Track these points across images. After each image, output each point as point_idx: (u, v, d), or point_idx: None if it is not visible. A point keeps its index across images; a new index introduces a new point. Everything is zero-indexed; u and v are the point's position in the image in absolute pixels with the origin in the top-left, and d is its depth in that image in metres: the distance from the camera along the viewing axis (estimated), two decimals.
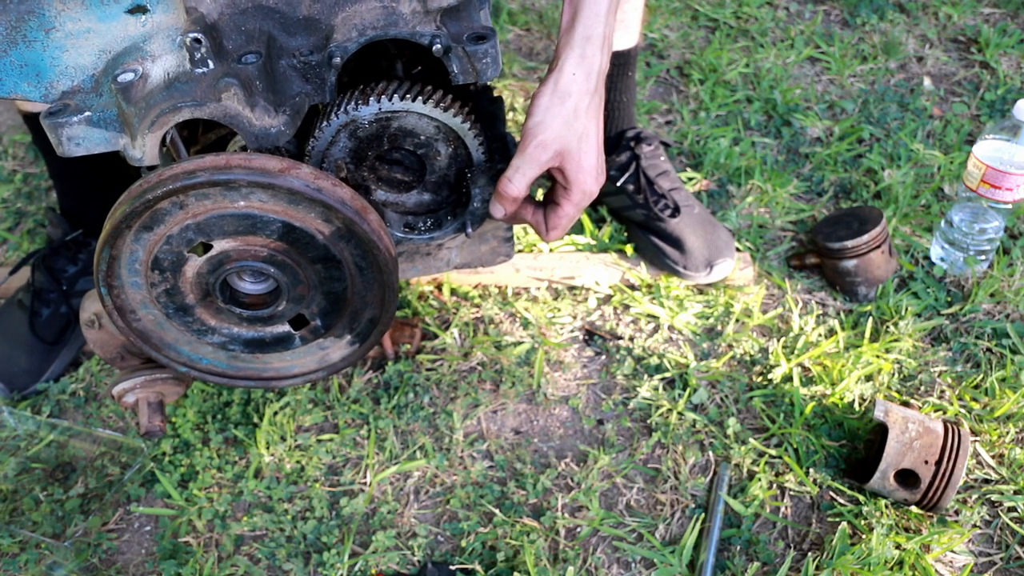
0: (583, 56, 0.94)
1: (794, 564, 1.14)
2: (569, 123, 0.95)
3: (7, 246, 1.67)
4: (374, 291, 1.00)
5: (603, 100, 0.98)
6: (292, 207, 0.90)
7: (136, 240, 0.92)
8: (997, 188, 1.37)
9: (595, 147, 0.97)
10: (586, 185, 0.98)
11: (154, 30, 0.89)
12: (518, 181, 0.97)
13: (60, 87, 0.92)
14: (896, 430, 1.15)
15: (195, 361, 1.07)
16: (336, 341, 1.06)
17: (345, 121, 0.94)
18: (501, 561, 1.15)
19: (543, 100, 0.95)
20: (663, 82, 1.96)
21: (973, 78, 1.92)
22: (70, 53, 0.90)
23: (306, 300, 0.98)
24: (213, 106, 0.85)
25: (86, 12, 0.87)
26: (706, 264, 1.44)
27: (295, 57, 0.89)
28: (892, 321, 1.41)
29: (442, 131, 0.97)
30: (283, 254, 0.93)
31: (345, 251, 0.95)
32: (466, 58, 0.88)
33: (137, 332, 1.02)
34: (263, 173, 0.86)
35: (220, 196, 0.88)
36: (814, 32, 2.05)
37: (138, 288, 0.98)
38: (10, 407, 1.37)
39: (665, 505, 1.21)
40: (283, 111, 0.89)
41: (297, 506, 1.23)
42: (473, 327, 1.45)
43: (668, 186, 1.51)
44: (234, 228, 0.91)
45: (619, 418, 1.33)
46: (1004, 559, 1.14)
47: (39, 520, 1.23)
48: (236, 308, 0.99)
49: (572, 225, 1.03)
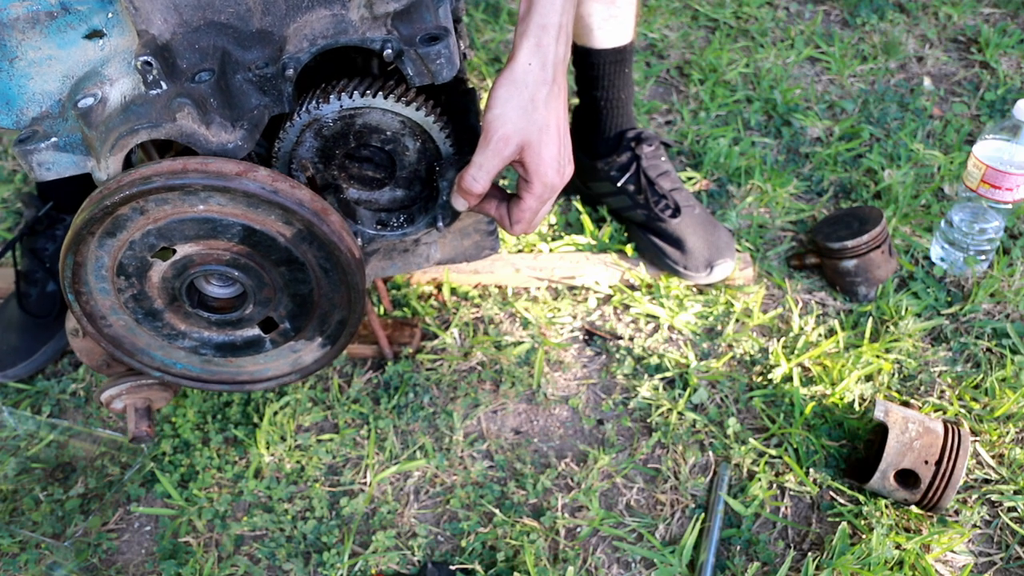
0: (539, 45, 0.92)
1: (794, 564, 1.14)
2: (528, 114, 0.92)
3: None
4: (340, 292, 0.99)
5: (564, 90, 0.96)
6: (251, 210, 0.91)
7: (100, 246, 0.93)
8: (997, 188, 1.37)
9: (556, 138, 0.95)
10: (547, 177, 0.96)
11: (111, 54, 0.90)
12: (481, 178, 0.95)
13: (30, 113, 0.93)
14: (896, 430, 1.15)
15: (168, 366, 1.08)
16: (307, 343, 1.06)
17: (308, 120, 0.94)
18: (501, 561, 1.15)
19: (501, 92, 0.92)
20: (663, 82, 1.96)
21: (973, 78, 1.92)
22: (35, 80, 0.91)
23: (273, 303, 0.99)
24: (169, 126, 0.86)
25: (46, 40, 0.89)
26: (706, 264, 1.44)
27: (251, 71, 0.89)
28: (892, 321, 1.41)
29: (408, 126, 0.96)
30: (246, 257, 0.93)
31: (308, 253, 0.95)
32: (419, 60, 0.87)
33: (109, 338, 1.03)
34: (219, 177, 0.86)
35: (179, 201, 0.89)
36: (814, 32, 2.05)
37: (106, 294, 0.98)
38: (10, 407, 1.37)
39: (665, 505, 1.21)
40: (241, 125, 0.89)
41: (297, 506, 1.23)
42: (473, 327, 1.45)
43: (669, 186, 1.51)
44: (195, 232, 0.91)
45: (619, 418, 1.33)
46: (1004, 559, 1.14)
47: (39, 520, 1.23)
48: (204, 312, 0.99)
49: (540, 219, 1.01)
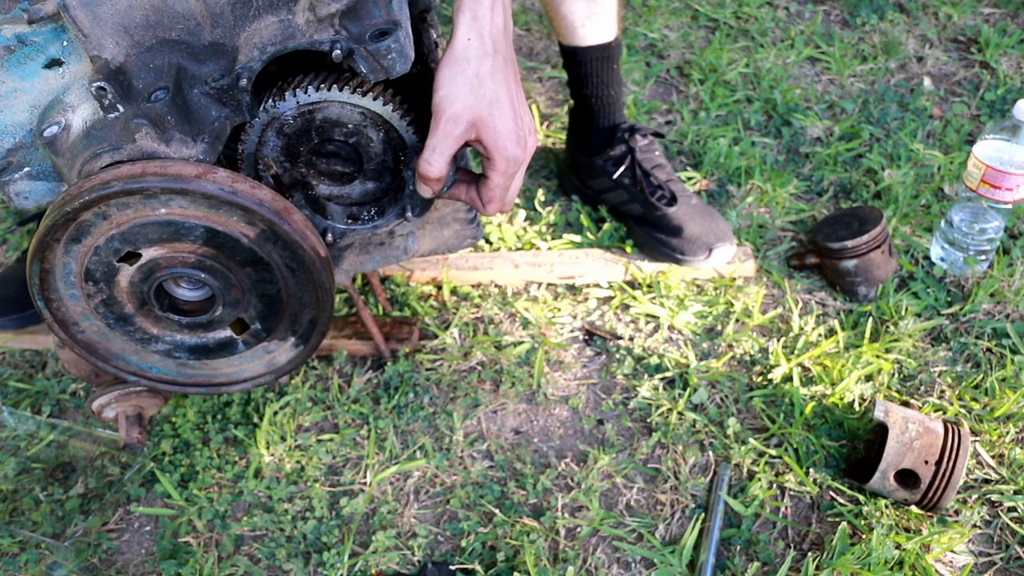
0: (475, 18, 0.90)
1: (794, 564, 1.14)
2: (475, 90, 0.91)
3: (7, 246, 1.67)
4: (308, 291, 0.99)
5: (511, 61, 0.94)
6: (213, 212, 0.91)
7: (67, 253, 0.93)
8: (997, 188, 1.37)
9: (510, 110, 0.93)
10: (507, 151, 0.94)
11: (71, 80, 0.91)
12: (436, 161, 0.93)
13: (5, 145, 0.95)
14: (896, 430, 1.15)
15: (144, 370, 1.08)
16: (280, 344, 1.06)
17: (267, 120, 0.94)
18: (501, 561, 1.15)
19: (444, 72, 0.91)
20: (663, 82, 1.96)
21: (973, 78, 1.92)
22: (5, 113, 0.93)
23: (242, 304, 0.99)
24: (130, 147, 0.87)
25: (8, 73, 0.90)
26: (705, 248, 1.44)
27: (207, 84, 0.89)
28: (892, 321, 1.41)
29: (368, 117, 0.96)
30: (211, 259, 0.93)
31: (273, 253, 0.95)
32: (371, 57, 0.87)
33: (83, 344, 1.03)
34: (177, 179, 0.87)
35: (140, 204, 0.89)
36: (814, 32, 2.05)
37: (77, 300, 0.98)
38: (10, 407, 1.37)
39: (665, 505, 1.21)
40: (202, 139, 0.89)
41: (297, 506, 1.23)
42: (473, 327, 1.45)
43: (664, 177, 1.52)
44: (158, 236, 0.92)
45: (619, 418, 1.32)
46: (1004, 559, 1.14)
47: (39, 520, 1.23)
48: (175, 315, 0.99)
49: (512, 195, 1.00)
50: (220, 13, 0.87)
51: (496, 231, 1.59)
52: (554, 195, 1.69)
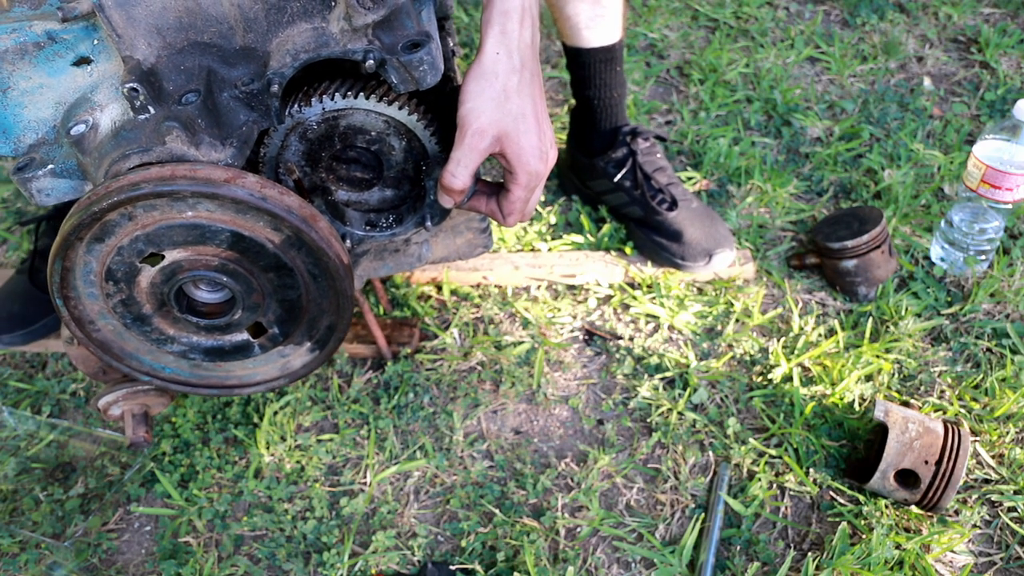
0: (503, 32, 0.91)
1: (794, 564, 1.14)
2: (501, 105, 0.91)
3: (7, 246, 1.67)
4: (329, 298, 0.99)
5: (537, 76, 0.94)
6: (240, 216, 0.91)
7: (89, 252, 0.93)
8: (997, 188, 1.37)
9: (535, 126, 0.94)
10: (530, 165, 0.95)
11: (100, 79, 0.91)
12: (460, 174, 0.94)
13: (27, 140, 0.94)
14: (896, 430, 1.15)
15: (157, 370, 1.08)
16: (296, 348, 1.06)
17: (292, 124, 0.94)
18: (501, 561, 1.15)
19: (471, 85, 0.91)
20: (663, 82, 1.96)
21: (973, 78, 1.92)
22: (29, 109, 0.92)
23: (261, 308, 0.99)
24: (159, 150, 0.86)
25: (35, 69, 0.90)
26: (705, 254, 1.44)
27: (237, 88, 0.89)
28: (892, 321, 1.41)
29: (392, 125, 0.96)
30: (235, 263, 0.93)
31: (297, 259, 0.95)
32: (402, 68, 0.87)
33: (97, 342, 1.03)
34: (207, 183, 0.86)
35: (167, 207, 0.89)
36: (814, 32, 2.05)
37: (95, 299, 0.98)
38: (10, 407, 1.37)
39: (665, 505, 1.21)
40: (230, 143, 0.89)
41: (297, 506, 1.23)
42: (473, 327, 1.45)
43: (665, 181, 1.52)
44: (183, 238, 0.91)
45: (619, 418, 1.32)
46: (1004, 559, 1.14)
47: (39, 520, 1.23)
48: (193, 317, 0.99)
49: (532, 207, 1.01)
50: (254, 18, 0.87)
51: (496, 231, 1.59)
52: (554, 195, 1.69)
